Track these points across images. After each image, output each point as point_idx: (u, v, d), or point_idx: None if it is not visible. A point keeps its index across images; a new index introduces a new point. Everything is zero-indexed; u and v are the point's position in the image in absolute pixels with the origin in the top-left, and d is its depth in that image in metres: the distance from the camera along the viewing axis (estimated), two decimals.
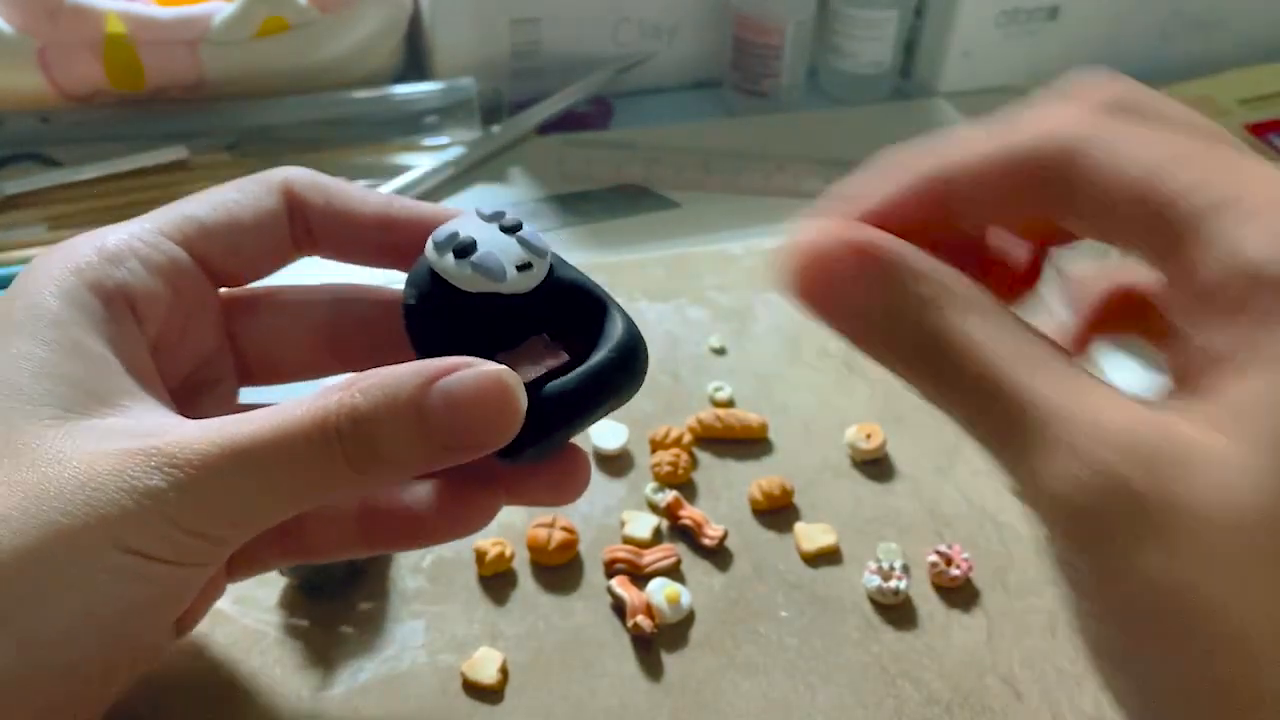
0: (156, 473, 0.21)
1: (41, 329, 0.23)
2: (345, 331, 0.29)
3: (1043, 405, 0.18)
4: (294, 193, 0.27)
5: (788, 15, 0.57)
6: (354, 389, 0.22)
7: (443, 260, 0.25)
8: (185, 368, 0.28)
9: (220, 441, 0.21)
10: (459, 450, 0.23)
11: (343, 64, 0.57)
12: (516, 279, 0.25)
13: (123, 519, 0.21)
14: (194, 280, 0.27)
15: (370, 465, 0.22)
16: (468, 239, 0.25)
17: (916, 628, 0.33)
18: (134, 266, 0.25)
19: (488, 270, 0.24)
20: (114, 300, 0.24)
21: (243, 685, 0.30)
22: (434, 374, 0.22)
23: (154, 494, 0.21)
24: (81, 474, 0.21)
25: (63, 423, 0.22)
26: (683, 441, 0.38)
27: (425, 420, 0.22)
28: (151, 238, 0.26)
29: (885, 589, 0.33)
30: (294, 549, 0.28)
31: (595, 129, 0.59)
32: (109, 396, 0.23)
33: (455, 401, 0.22)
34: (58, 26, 0.51)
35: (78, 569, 0.21)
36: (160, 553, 0.21)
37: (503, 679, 0.31)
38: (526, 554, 0.34)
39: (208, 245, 0.27)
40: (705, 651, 0.32)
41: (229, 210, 0.27)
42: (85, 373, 0.23)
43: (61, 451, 0.21)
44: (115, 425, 0.22)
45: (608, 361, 0.25)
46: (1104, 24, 0.63)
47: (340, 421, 0.22)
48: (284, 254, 0.28)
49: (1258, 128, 0.58)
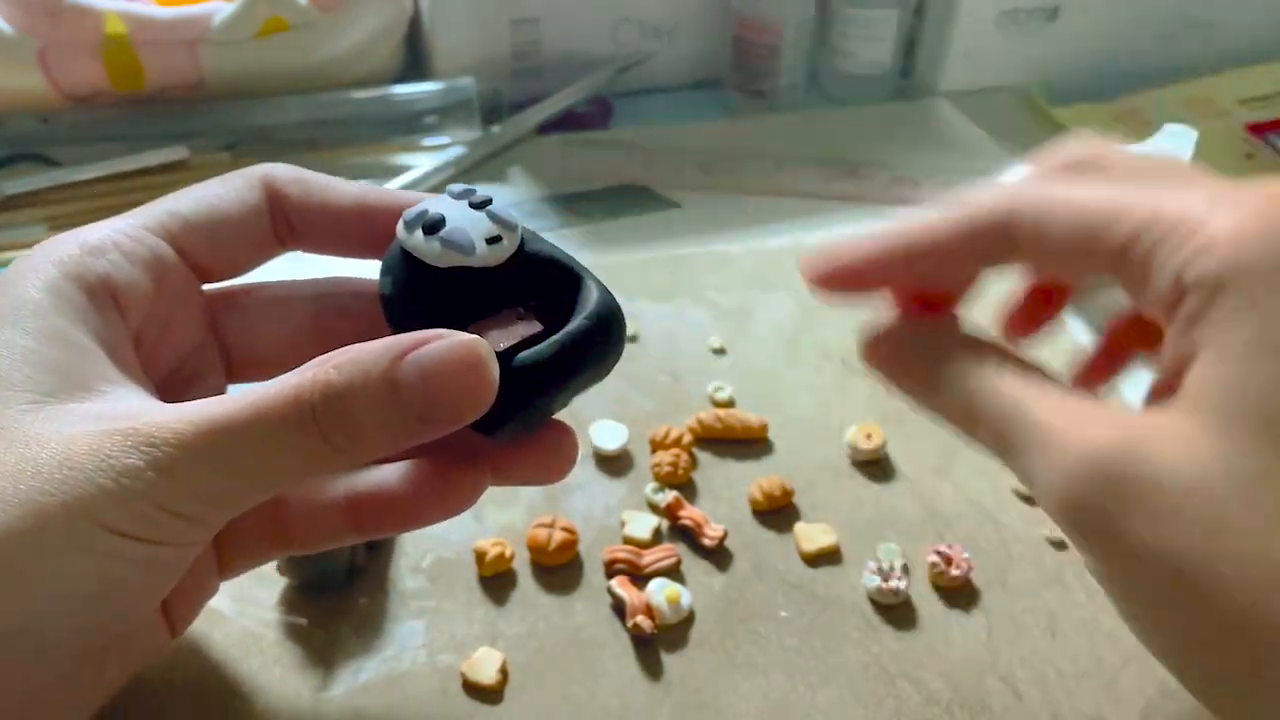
0: (134, 452, 0.21)
1: (23, 319, 0.23)
2: (329, 324, 0.29)
3: (1043, 426, 0.22)
4: (274, 187, 0.28)
5: (788, 15, 0.57)
6: (327, 366, 0.22)
7: (412, 238, 0.25)
8: (170, 361, 0.28)
9: (197, 421, 0.22)
10: (435, 422, 0.23)
11: (343, 64, 0.57)
12: (486, 252, 0.25)
13: (101, 498, 0.21)
14: (177, 273, 0.27)
15: (346, 441, 0.22)
16: (436, 215, 0.25)
17: (916, 628, 0.33)
18: (116, 259, 0.25)
19: (456, 244, 0.25)
20: (96, 291, 0.25)
21: (242, 685, 0.30)
22: (405, 347, 0.22)
23: (132, 473, 0.21)
24: (59, 454, 0.21)
25: (42, 407, 0.22)
26: (683, 441, 0.38)
27: (398, 393, 0.22)
28: (134, 231, 0.26)
29: (885, 589, 0.33)
30: (282, 539, 0.27)
31: (595, 129, 0.59)
32: (89, 383, 0.23)
33: (427, 372, 0.22)
34: (58, 26, 0.51)
35: (56, 547, 0.21)
36: (139, 532, 0.21)
37: (502, 679, 0.31)
38: (526, 554, 0.34)
39: (190, 238, 0.27)
40: (705, 651, 0.32)
41: (211, 204, 0.27)
42: (66, 360, 0.23)
43: (40, 433, 0.22)
44: (94, 409, 0.23)
45: (581, 328, 0.25)
46: (1104, 24, 0.63)
47: (315, 398, 0.22)
48: (266, 248, 0.28)
49: (1257, 127, 0.58)
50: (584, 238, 0.50)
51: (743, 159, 0.55)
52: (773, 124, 0.60)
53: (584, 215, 0.52)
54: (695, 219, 0.52)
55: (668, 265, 0.47)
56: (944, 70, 0.62)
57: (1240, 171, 0.55)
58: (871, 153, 0.57)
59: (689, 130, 0.58)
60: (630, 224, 0.51)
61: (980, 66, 0.63)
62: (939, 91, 0.63)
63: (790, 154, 0.56)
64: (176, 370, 0.28)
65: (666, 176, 0.54)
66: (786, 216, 0.52)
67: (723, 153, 0.56)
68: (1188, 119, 0.49)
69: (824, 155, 0.56)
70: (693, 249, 0.49)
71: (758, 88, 0.60)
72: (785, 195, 0.53)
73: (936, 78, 0.63)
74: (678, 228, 0.51)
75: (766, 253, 0.48)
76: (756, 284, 0.46)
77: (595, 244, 0.50)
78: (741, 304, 0.45)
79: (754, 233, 0.50)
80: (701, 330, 0.44)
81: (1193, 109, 0.59)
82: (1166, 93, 0.61)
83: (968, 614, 0.33)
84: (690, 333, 0.44)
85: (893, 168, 0.55)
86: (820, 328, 0.44)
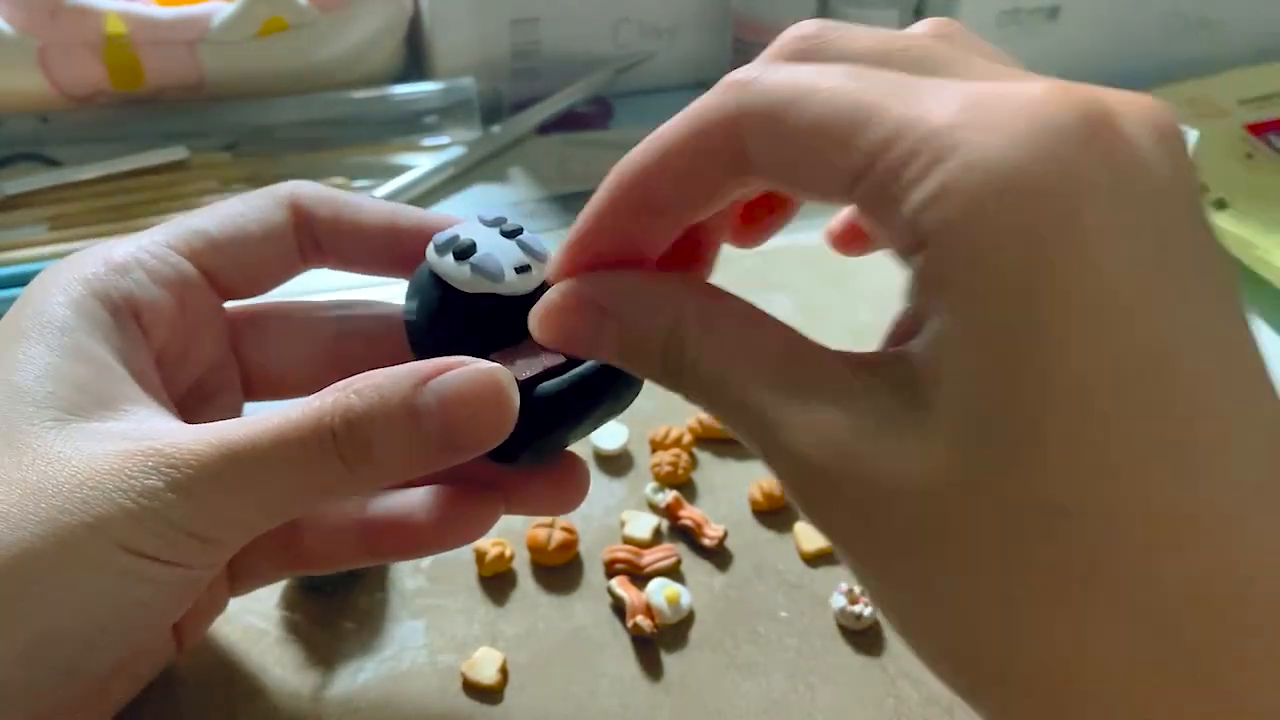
0: (154, 473, 0.21)
1: (48, 335, 0.23)
2: (349, 347, 0.29)
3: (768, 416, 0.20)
4: (301, 205, 0.28)
5: (788, 15, 0.57)
6: (349, 390, 0.22)
7: (442, 262, 0.25)
8: (190, 379, 0.28)
9: (217, 443, 0.22)
10: (454, 449, 0.23)
11: (343, 64, 0.57)
12: (515, 280, 0.25)
13: (121, 518, 0.21)
14: (200, 292, 0.27)
15: (365, 466, 0.22)
16: (468, 241, 0.25)
17: None
18: (140, 277, 0.25)
19: (486, 271, 0.25)
20: (120, 309, 0.25)
21: (242, 685, 0.30)
22: (427, 374, 0.22)
23: (152, 493, 0.21)
24: (80, 473, 0.21)
25: (64, 425, 0.22)
26: (683, 441, 0.38)
27: (418, 420, 0.22)
28: (158, 250, 0.26)
29: (848, 612, 0.32)
30: (295, 561, 0.28)
31: (595, 129, 0.59)
32: (111, 401, 0.23)
33: (448, 400, 0.22)
34: (58, 26, 0.51)
35: (76, 567, 0.21)
36: (158, 552, 0.21)
37: (503, 679, 0.31)
38: (526, 554, 0.34)
39: (215, 258, 0.27)
40: (705, 651, 0.32)
41: (236, 223, 0.27)
42: (88, 377, 0.23)
43: (61, 452, 0.22)
44: (115, 428, 0.22)
45: (603, 363, 0.25)
46: (1104, 24, 0.63)
47: (335, 422, 0.22)
48: (291, 266, 0.28)
49: (1257, 127, 0.58)
50: None
51: None
52: None
53: None
54: None
55: None
56: None
57: (1240, 171, 0.55)
58: None
59: None
60: None
61: None
62: None
63: None
64: (195, 387, 0.28)
65: None
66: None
67: None
68: (1188, 119, 0.49)
69: None
70: None
71: None
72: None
73: None
74: None
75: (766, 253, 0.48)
76: (757, 284, 0.46)
77: None
78: None
79: None
80: None
81: (1193, 109, 0.59)
82: (1166, 93, 0.61)
83: None
84: None
85: None
86: (820, 328, 0.44)
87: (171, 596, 0.23)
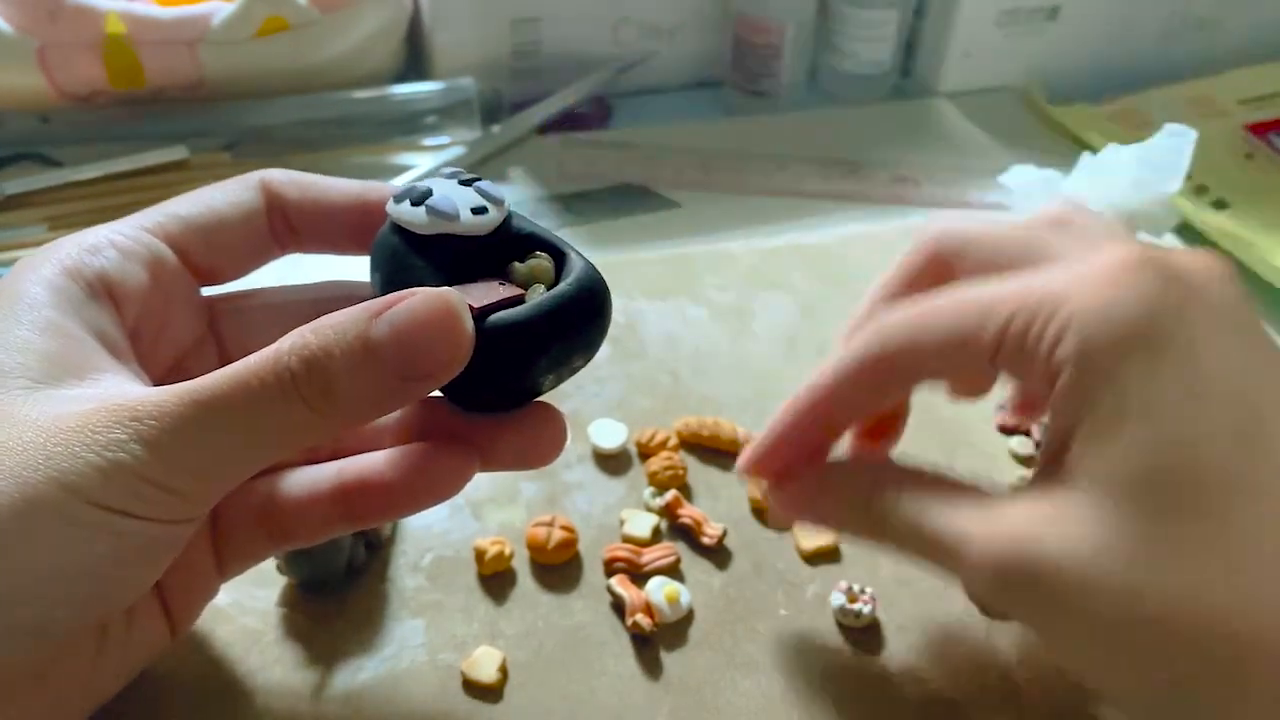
0: (118, 427, 0.21)
1: (20, 311, 0.24)
2: None
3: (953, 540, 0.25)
4: (272, 188, 0.28)
5: (788, 15, 0.57)
6: (305, 331, 0.23)
7: (399, 209, 0.25)
8: (168, 357, 0.28)
9: (181, 395, 0.22)
10: (414, 380, 0.23)
11: (343, 64, 0.57)
12: (471, 221, 0.25)
13: (88, 473, 0.21)
14: (174, 271, 0.27)
15: (326, 404, 0.22)
16: (424, 188, 0.26)
17: (917, 627, 0.33)
18: (112, 255, 0.26)
19: (442, 212, 0.25)
20: (93, 285, 0.25)
21: (242, 684, 0.30)
22: (380, 308, 0.23)
23: (117, 446, 0.21)
24: (46, 431, 0.22)
25: (33, 391, 0.23)
26: (669, 444, 0.38)
27: (374, 352, 0.22)
28: (131, 231, 0.27)
29: (848, 610, 0.33)
30: (275, 532, 0.27)
31: (595, 129, 0.59)
32: (80, 370, 0.24)
33: (400, 328, 0.22)
34: (58, 26, 0.51)
35: (44, 523, 0.21)
36: (128, 507, 0.22)
37: (502, 678, 0.31)
38: (526, 553, 0.34)
39: (188, 238, 0.28)
40: (705, 650, 0.32)
41: (208, 205, 0.28)
42: (60, 349, 0.24)
43: (28, 415, 0.22)
44: (84, 393, 0.23)
45: (562, 294, 0.25)
46: (1104, 24, 0.63)
47: (293, 363, 0.22)
48: (265, 249, 0.29)
49: (1257, 127, 0.58)
50: (584, 238, 0.50)
51: (743, 159, 0.55)
52: (773, 124, 0.60)
53: (584, 215, 0.52)
54: (695, 218, 0.52)
55: (668, 264, 0.47)
56: (944, 70, 0.62)
57: (1240, 171, 0.55)
58: (871, 152, 0.57)
59: (689, 130, 0.58)
60: (630, 224, 0.51)
61: (980, 66, 0.63)
62: (939, 91, 0.63)
63: (790, 154, 0.56)
64: (174, 367, 0.28)
65: (666, 176, 0.54)
66: (786, 216, 0.52)
67: (723, 152, 0.56)
68: (1188, 119, 0.49)
69: (824, 154, 0.56)
70: (692, 248, 0.49)
71: (758, 88, 0.60)
72: (785, 195, 0.53)
73: (936, 77, 0.63)
74: (677, 227, 0.51)
75: (766, 252, 0.48)
76: (756, 283, 0.46)
77: (595, 244, 0.50)
78: (741, 303, 0.45)
79: (754, 232, 0.50)
80: (701, 330, 0.44)
81: (1193, 109, 0.59)
82: (1166, 93, 0.61)
83: (968, 613, 0.33)
84: (690, 332, 0.44)
85: (893, 167, 0.55)
86: (820, 328, 0.44)
87: (144, 555, 0.23)
